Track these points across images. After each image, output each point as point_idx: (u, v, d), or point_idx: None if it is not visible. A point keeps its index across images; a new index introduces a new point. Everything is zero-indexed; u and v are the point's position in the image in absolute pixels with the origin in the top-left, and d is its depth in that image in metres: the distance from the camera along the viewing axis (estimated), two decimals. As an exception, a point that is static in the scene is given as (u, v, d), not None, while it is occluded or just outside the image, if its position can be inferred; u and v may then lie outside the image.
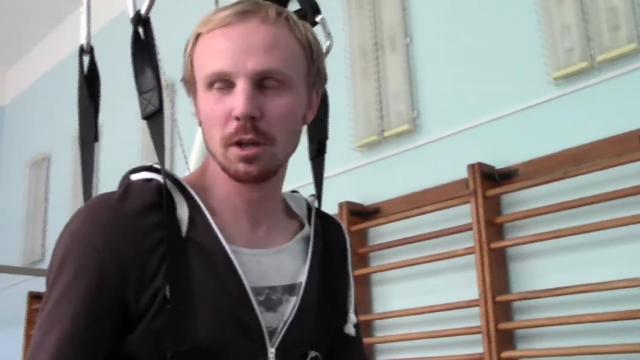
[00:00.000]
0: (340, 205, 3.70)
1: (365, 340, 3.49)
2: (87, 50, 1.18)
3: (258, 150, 0.99)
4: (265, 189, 1.07)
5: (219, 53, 0.99)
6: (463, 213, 3.18)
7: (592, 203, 2.75)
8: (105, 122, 6.06)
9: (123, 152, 5.54)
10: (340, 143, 3.87)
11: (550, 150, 2.95)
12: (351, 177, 3.87)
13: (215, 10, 1.04)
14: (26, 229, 7.02)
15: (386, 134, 3.67)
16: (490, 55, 3.32)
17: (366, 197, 3.74)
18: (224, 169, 1.03)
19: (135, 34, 1.07)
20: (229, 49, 0.99)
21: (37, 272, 6.07)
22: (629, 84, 2.79)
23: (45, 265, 5.08)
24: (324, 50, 1.34)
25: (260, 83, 0.99)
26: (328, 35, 1.35)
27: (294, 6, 1.37)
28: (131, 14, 1.08)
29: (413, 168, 3.56)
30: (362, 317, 3.55)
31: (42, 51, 7.60)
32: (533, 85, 3.09)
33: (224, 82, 0.99)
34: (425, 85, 3.60)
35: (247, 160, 0.99)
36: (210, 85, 1.01)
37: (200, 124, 1.06)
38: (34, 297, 6.14)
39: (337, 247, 1.21)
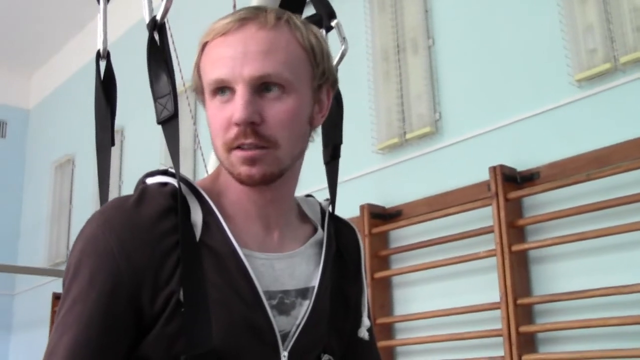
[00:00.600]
0: (362, 207, 3.70)
1: (386, 342, 3.51)
2: (103, 56, 1.19)
3: (261, 152, 0.99)
4: (275, 191, 1.07)
5: (218, 61, 1.00)
6: (484, 215, 3.17)
7: (615, 206, 2.73)
8: (127, 126, 6.12)
9: (146, 153, 5.58)
10: (362, 145, 3.87)
11: (572, 153, 2.93)
12: (373, 179, 3.87)
13: (218, 19, 1.04)
14: (51, 231, 7.10)
15: (408, 136, 3.67)
16: (512, 57, 3.30)
17: (388, 199, 3.74)
18: (230, 173, 1.03)
19: (151, 39, 1.08)
20: (227, 57, 0.99)
21: (61, 274, 6.09)
22: (653, 86, 2.77)
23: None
24: (339, 54, 1.33)
25: (260, 88, 0.99)
26: (343, 39, 1.34)
27: (309, 11, 1.37)
28: (147, 20, 1.09)
29: (434, 170, 3.55)
30: (383, 320, 3.55)
31: (66, 55, 7.69)
32: (555, 87, 3.07)
33: (224, 90, 1.00)
34: (447, 87, 3.59)
35: (249, 162, 0.99)
36: (213, 93, 1.01)
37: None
38: (58, 298, 6.18)
39: (351, 251, 1.21)
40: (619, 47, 2.85)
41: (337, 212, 1.23)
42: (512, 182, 3.09)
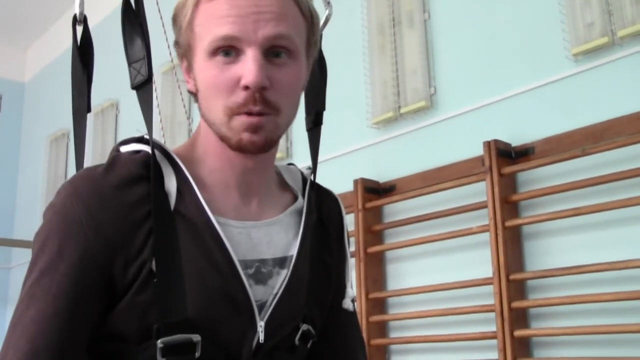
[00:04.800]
0: (356, 181, 3.68)
1: (379, 317, 3.50)
2: (80, 21, 1.16)
3: (265, 119, 0.97)
4: (260, 158, 1.04)
5: (226, 18, 0.95)
6: (478, 191, 3.15)
7: (610, 181, 2.71)
8: (122, 99, 6.09)
9: (141, 127, 5.55)
10: (357, 119, 3.84)
11: (568, 128, 2.90)
12: (367, 153, 3.85)
13: None
14: (46, 205, 7.07)
15: (402, 110, 3.63)
16: (508, 31, 3.26)
17: (382, 173, 3.72)
18: (225, 139, 0.99)
19: (126, 3, 1.05)
20: (238, 15, 0.95)
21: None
22: (650, 60, 2.73)
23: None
24: (324, 19, 1.31)
25: (269, 52, 0.96)
26: (328, 4, 1.32)
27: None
28: (122, -16, 1.06)
29: (429, 145, 3.52)
30: (376, 294, 3.54)
31: (63, 28, 7.62)
32: (552, 61, 3.03)
33: (230, 49, 0.96)
34: (442, 62, 3.55)
35: (253, 129, 0.96)
36: (214, 52, 0.96)
37: (193, 93, 1.03)
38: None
39: (333, 221, 1.18)
40: (616, 20, 2.81)
41: (331, 186, 1.21)
42: (507, 157, 3.07)
